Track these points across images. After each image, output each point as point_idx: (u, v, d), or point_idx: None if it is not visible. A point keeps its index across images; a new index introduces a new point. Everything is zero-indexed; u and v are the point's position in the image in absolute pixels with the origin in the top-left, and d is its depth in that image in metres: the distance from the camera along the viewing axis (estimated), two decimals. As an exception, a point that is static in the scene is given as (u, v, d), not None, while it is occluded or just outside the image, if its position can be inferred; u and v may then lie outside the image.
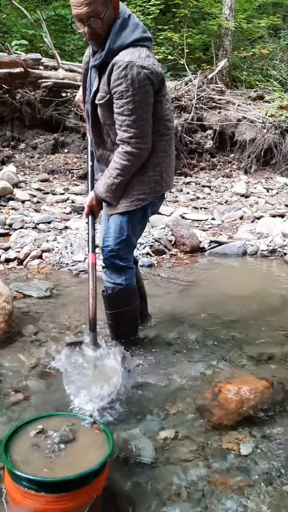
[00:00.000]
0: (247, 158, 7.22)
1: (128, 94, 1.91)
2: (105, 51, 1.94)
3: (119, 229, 2.20)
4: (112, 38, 1.92)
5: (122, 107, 1.94)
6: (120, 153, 2.03)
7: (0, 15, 8.36)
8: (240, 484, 1.59)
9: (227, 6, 9.16)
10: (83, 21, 1.89)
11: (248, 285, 3.49)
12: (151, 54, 1.99)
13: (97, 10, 1.85)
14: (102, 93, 2.01)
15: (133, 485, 1.55)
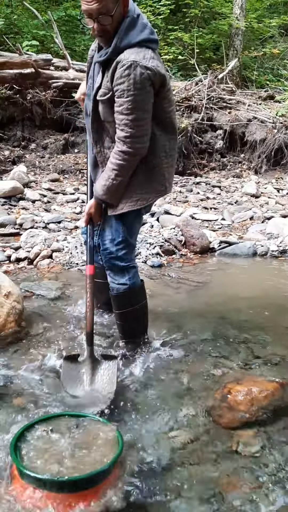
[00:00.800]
0: (258, 158, 7.18)
1: (129, 93, 1.91)
2: (111, 48, 1.94)
3: (115, 231, 2.21)
4: (120, 36, 1.92)
5: (122, 105, 1.94)
6: (115, 153, 2.02)
7: (12, 16, 8.41)
8: (249, 485, 1.59)
9: (237, 5, 9.12)
10: (92, 17, 1.88)
11: (258, 286, 3.47)
12: (155, 56, 1.98)
13: (108, 6, 1.85)
14: (104, 89, 2.01)
15: (141, 486, 1.55)
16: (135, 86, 1.90)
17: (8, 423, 1.80)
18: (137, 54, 1.90)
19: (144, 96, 1.94)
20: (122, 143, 2.00)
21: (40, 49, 7.83)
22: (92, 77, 2.12)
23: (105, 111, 2.05)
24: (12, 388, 2.05)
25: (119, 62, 1.91)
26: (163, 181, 2.18)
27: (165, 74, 2.01)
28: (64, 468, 1.42)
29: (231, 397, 1.93)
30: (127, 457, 1.65)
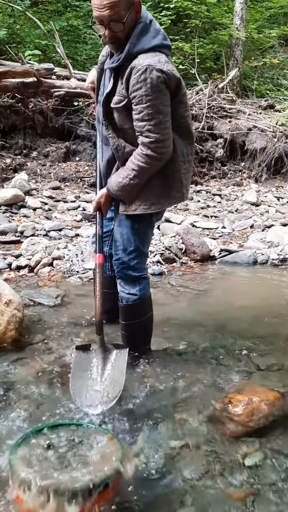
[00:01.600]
0: (258, 167, 7.22)
1: (148, 98, 1.87)
2: (124, 54, 1.91)
3: (127, 240, 2.19)
4: (132, 42, 1.90)
5: (141, 112, 1.91)
6: (140, 155, 1.98)
7: (14, 26, 8.49)
8: (249, 495, 1.58)
9: (238, 16, 9.21)
10: (104, 23, 1.86)
11: (259, 295, 3.47)
12: (170, 61, 1.97)
13: (120, 13, 1.83)
14: (119, 96, 1.98)
15: (141, 495, 1.54)
16: (153, 89, 1.87)
17: (8, 432, 1.79)
18: (152, 58, 1.88)
19: (162, 99, 1.91)
20: (146, 147, 1.96)
21: (42, 59, 7.90)
22: (103, 83, 2.11)
23: (121, 118, 2.01)
24: (12, 397, 2.04)
25: (134, 67, 1.88)
26: (181, 187, 2.15)
27: (180, 77, 1.99)
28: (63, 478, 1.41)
29: (232, 407, 1.92)
30: (127, 466, 1.64)
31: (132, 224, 2.17)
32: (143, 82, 1.86)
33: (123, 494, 1.52)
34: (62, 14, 9.57)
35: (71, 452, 1.51)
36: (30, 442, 1.53)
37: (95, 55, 9.14)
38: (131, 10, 1.86)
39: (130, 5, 1.85)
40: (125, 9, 1.83)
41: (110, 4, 1.80)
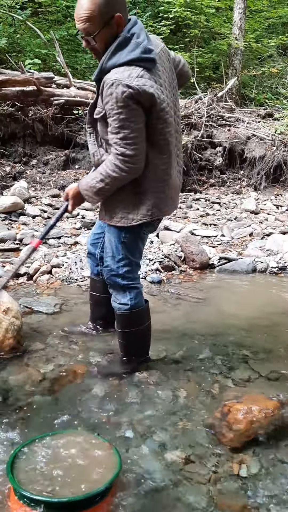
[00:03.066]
0: (257, 175, 7.24)
1: (114, 112, 1.90)
2: (98, 68, 1.97)
3: (115, 248, 2.19)
4: (106, 56, 1.92)
5: (110, 125, 1.94)
6: (109, 162, 1.99)
7: (15, 35, 8.56)
8: (248, 506, 1.56)
9: (236, 26, 9.30)
10: (82, 34, 1.95)
11: (258, 303, 3.46)
12: (146, 75, 1.90)
13: (90, 29, 1.88)
14: (99, 108, 2.01)
15: (139, 506, 1.53)
16: (118, 104, 1.87)
17: (5, 441, 1.77)
18: (121, 73, 1.87)
19: (129, 115, 1.88)
20: (115, 158, 1.97)
21: (42, 67, 7.95)
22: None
23: (101, 129, 2.05)
24: (10, 405, 2.03)
25: (104, 81, 1.91)
26: (150, 207, 2.08)
27: (155, 93, 1.91)
28: (61, 489, 1.40)
29: (231, 416, 1.91)
30: (125, 476, 1.62)
31: (118, 233, 2.16)
32: (109, 96, 1.88)
33: (121, 503, 1.50)
34: (62, 24, 9.65)
35: (69, 460, 1.50)
36: (27, 452, 1.52)
37: (95, 64, 9.21)
38: (109, 24, 1.88)
39: (107, 19, 1.87)
40: (97, 25, 1.87)
41: (84, 18, 1.87)
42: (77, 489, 1.39)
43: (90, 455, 1.54)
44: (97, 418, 1.96)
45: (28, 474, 1.43)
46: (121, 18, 1.90)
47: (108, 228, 2.22)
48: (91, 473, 1.46)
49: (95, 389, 2.17)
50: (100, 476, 1.44)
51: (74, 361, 2.43)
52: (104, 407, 2.04)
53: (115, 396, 2.12)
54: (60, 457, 1.51)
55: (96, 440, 1.62)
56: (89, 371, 2.33)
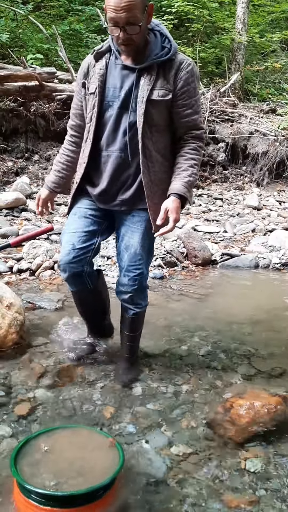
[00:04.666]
0: (259, 171, 7.22)
1: (197, 90, 1.96)
2: (172, 50, 1.89)
3: (149, 251, 2.09)
4: (169, 39, 1.92)
5: (194, 104, 1.95)
6: (195, 149, 1.98)
7: (17, 30, 8.52)
8: (251, 501, 1.56)
9: (240, 20, 9.24)
10: (119, 25, 1.77)
11: (260, 299, 3.46)
12: None
13: (137, 16, 1.76)
14: (164, 90, 1.89)
15: (142, 501, 1.53)
16: (197, 83, 1.98)
17: (9, 435, 1.78)
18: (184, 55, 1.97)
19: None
20: (199, 139, 2.00)
21: (44, 63, 7.93)
22: (114, 84, 1.93)
23: (158, 112, 1.91)
24: (13, 400, 2.04)
25: (182, 62, 1.91)
26: None
27: None
28: (64, 483, 1.40)
29: (233, 412, 1.91)
30: (127, 470, 1.63)
31: (149, 231, 2.01)
32: (192, 76, 1.92)
33: (123, 498, 1.51)
34: (64, 18, 9.61)
35: (71, 455, 1.50)
36: (30, 446, 1.52)
37: (97, 59, 9.16)
38: (146, 13, 1.81)
39: (145, 8, 1.80)
40: (142, 11, 1.78)
41: (128, 6, 1.73)
42: (80, 483, 1.39)
43: (92, 450, 1.54)
44: (99, 413, 1.96)
45: (31, 468, 1.44)
46: (153, 7, 1.86)
47: (140, 234, 2.02)
48: (93, 467, 1.47)
49: (97, 384, 2.17)
50: (103, 470, 1.45)
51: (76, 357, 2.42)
52: (106, 402, 2.04)
53: (117, 391, 2.13)
54: (62, 451, 1.52)
55: (98, 435, 1.62)
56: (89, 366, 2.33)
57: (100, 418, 1.92)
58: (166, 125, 1.97)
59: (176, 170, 1.97)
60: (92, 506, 1.39)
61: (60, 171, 2.22)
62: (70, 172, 2.22)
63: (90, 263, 2.09)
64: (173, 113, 1.95)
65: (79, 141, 2.12)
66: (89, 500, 1.38)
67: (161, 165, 1.98)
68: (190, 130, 1.98)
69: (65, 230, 2.13)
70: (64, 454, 1.51)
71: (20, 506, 1.42)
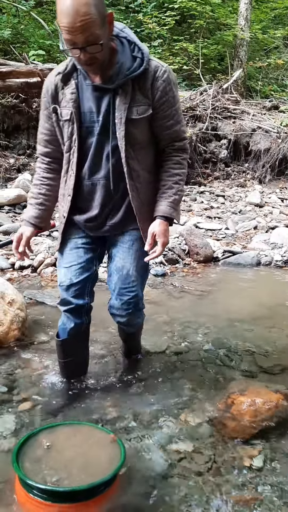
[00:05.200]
0: (262, 168, 7.21)
1: (176, 98, 1.79)
2: (145, 60, 1.68)
3: (144, 272, 2.01)
4: (139, 46, 1.71)
5: (175, 114, 1.80)
6: (179, 163, 1.85)
7: (18, 26, 8.51)
8: (252, 498, 1.57)
9: (242, 17, 9.21)
10: (78, 46, 1.54)
11: (262, 296, 3.46)
12: None
13: (96, 34, 1.52)
14: (143, 106, 1.73)
15: (143, 498, 1.53)
16: (176, 90, 1.80)
17: (11, 432, 1.79)
18: (158, 61, 1.76)
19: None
20: (183, 151, 1.87)
21: (46, 59, 7.91)
22: (90, 108, 1.74)
23: (139, 131, 1.76)
24: (15, 396, 2.04)
25: (157, 70, 1.71)
26: None
27: None
28: (65, 479, 1.41)
29: (235, 408, 1.91)
30: (128, 467, 1.63)
31: (143, 250, 1.87)
32: (169, 84, 1.74)
33: (124, 495, 1.51)
34: (66, 15, 9.58)
35: (73, 451, 1.51)
36: (32, 442, 1.53)
37: (99, 56, 9.16)
38: (105, 26, 1.57)
39: (104, 19, 1.55)
40: (101, 25, 1.53)
41: (84, 25, 1.48)
42: (82, 479, 1.40)
43: (94, 446, 1.55)
44: (101, 410, 1.96)
45: (33, 464, 1.45)
46: (113, 15, 1.61)
47: (133, 254, 1.92)
48: (95, 463, 1.47)
49: (99, 381, 2.18)
50: (104, 466, 1.45)
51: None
52: (108, 399, 2.04)
53: (119, 388, 2.13)
54: (64, 448, 1.52)
55: (100, 431, 1.63)
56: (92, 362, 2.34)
57: (101, 415, 1.93)
58: (149, 140, 1.82)
59: (161, 188, 1.85)
60: (93, 502, 1.39)
61: (43, 203, 1.94)
62: (51, 203, 1.97)
63: (90, 293, 1.98)
64: (154, 127, 1.79)
65: (57, 167, 1.91)
66: (90, 496, 1.39)
67: (148, 183, 1.84)
68: (173, 142, 1.84)
69: (60, 264, 1.97)
70: (66, 450, 1.51)
71: (22, 501, 1.42)
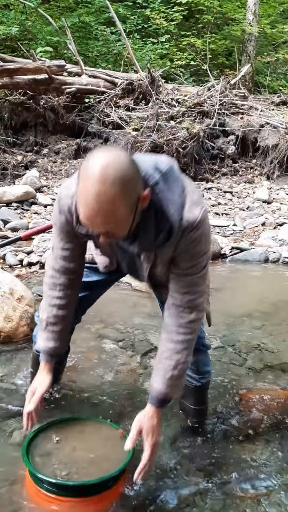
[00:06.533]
0: (270, 164, 7.15)
1: (207, 256, 1.44)
2: (173, 234, 1.32)
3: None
4: (167, 215, 1.31)
5: (197, 273, 1.43)
6: (186, 326, 1.47)
7: (26, 23, 8.51)
8: (260, 494, 1.57)
9: (251, 11, 9.13)
10: (101, 232, 1.25)
11: (270, 293, 3.45)
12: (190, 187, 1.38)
13: (120, 227, 1.23)
14: (167, 265, 1.45)
15: (151, 492, 1.55)
16: (208, 242, 1.43)
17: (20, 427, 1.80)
18: (191, 205, 1.33)
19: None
20: (198, 316, 1.50)
21: (53, 55, 7.92)
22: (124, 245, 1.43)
23: (164, 275, 1.50)
24: (23, 392, 2.06)
25: (185, 229, 1.32)
26: None
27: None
28: (74, 473, 1.42)
29: (243, 405, 1.92)
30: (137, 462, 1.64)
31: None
32: (200, 239, 1.37)
33: (134, 490, 1.52)
34: (73, 11, 9.57)
35: (82, 446, 1.52)
36: (41, 437, 1.54)
37: (106, 52, 9.15)
38: (137, 209, 1.24)
39: (134, 205, 1.22)
40: (129, 216, 1.22)
41: (106, 221, 1.19)
42: (91, 474, 1.41)
43: (103, 442, 1.56)
44: (109, 405, 1.98)
45: (43, 458, 1.46)
46: (149, 195, 1.26)
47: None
48: (104, 458, 1.48)
49: (106, 377, 2.19)
50: (113, 461, 1.46)
51: (86, 349, 2.45)
52: (116, 394, 2.06)
53: (127, 384, 2.14)
54: (73, 442, 1.53)
55: (108, 426, 1.64)
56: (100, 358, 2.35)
57: (109, 410, 1.94)
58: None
59: (159, 355, 1.52)
60: (102, 496, 1.41)
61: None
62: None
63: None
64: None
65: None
66: (99, 491, 1.40)
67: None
68: (186, 309, 1.45)
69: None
70: (75, 445, 1.53)
71: (32, 495, 1.44)
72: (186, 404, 1.86)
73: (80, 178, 1.19)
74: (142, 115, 6.88)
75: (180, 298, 1.45)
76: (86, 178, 1.17)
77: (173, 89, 7.62)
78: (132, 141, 6.55)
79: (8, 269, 3.53)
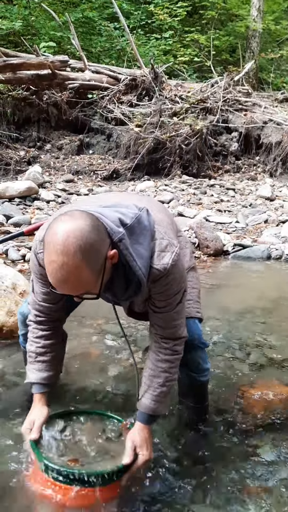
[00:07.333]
0: (273, 161, 7.14)
1: (181, 293, 1.46)
2: (142, 285, 1.36)
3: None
4: (133, 269, 1.32)
5: (175, 310, 1.47)
6: (175, 358, 1.53)
7: (29, 18, 8.49)
8: (261, 489, 1.57)
9: (255, 7, 9.10)
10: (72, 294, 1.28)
11: (272, 289, 3.45)
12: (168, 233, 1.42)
13: (88, 289, 1.25)
14: (139, 305, 1.51)
15: (152, 488, 1.55)
16: (183, 281, 1.44)
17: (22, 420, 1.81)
18: (159, 254, 1.35)
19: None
20: (179, 348, 1.53)
21: (57, 50, 7.91)
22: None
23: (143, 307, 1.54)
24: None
25: (156, 278, 1.36)
26: None
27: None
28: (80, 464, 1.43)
29: (245, 401, 1.92)
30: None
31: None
32: (172, 283, 1.40)
33: (137, 481, 1.53)
34: (77, 6, 9.54)
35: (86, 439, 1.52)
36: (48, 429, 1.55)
37: (110, 47, 9.12)
38: (105, 268, 1.26)
39: (101, 269, 1.24)
40: (96, 280, 1.24)
41: (73, 288, 1.23)
42: (97, 465, 1.42)
43: (107, 434, 1.56)
44: (113, 399, 1.98)
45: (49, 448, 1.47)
46: (116, 253, 1.28)
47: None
48: (107, 451, 1.49)
49: (109, 371, 2.19)
50: (117, 454, 1.47)
51: (88, 343, 2.45)
52: (119, 388, 2.06)
53: (130, 378, 2.14)
54: (76, 435, 1.54)
55: (112, 419, 1.64)
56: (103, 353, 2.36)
57: (114, 404, 1.94)
58: None
59: (146, 372, 1.56)
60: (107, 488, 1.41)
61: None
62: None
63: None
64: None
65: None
66: (105, 482, 1.40)
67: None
68: (168, 341, 1.51)
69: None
70: (80, 437, 1.53)
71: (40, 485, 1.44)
72: (186, 403, 1.86)
73: (45, 247, 1.22)
74: (145, 111, 6.87)
75: (160, 330, 1.51)
76: (49, 248, 1.19)
77: (176, 85, 7.60)
78: (135, 137, 6.54)
79: (11, 264, 3.54)
